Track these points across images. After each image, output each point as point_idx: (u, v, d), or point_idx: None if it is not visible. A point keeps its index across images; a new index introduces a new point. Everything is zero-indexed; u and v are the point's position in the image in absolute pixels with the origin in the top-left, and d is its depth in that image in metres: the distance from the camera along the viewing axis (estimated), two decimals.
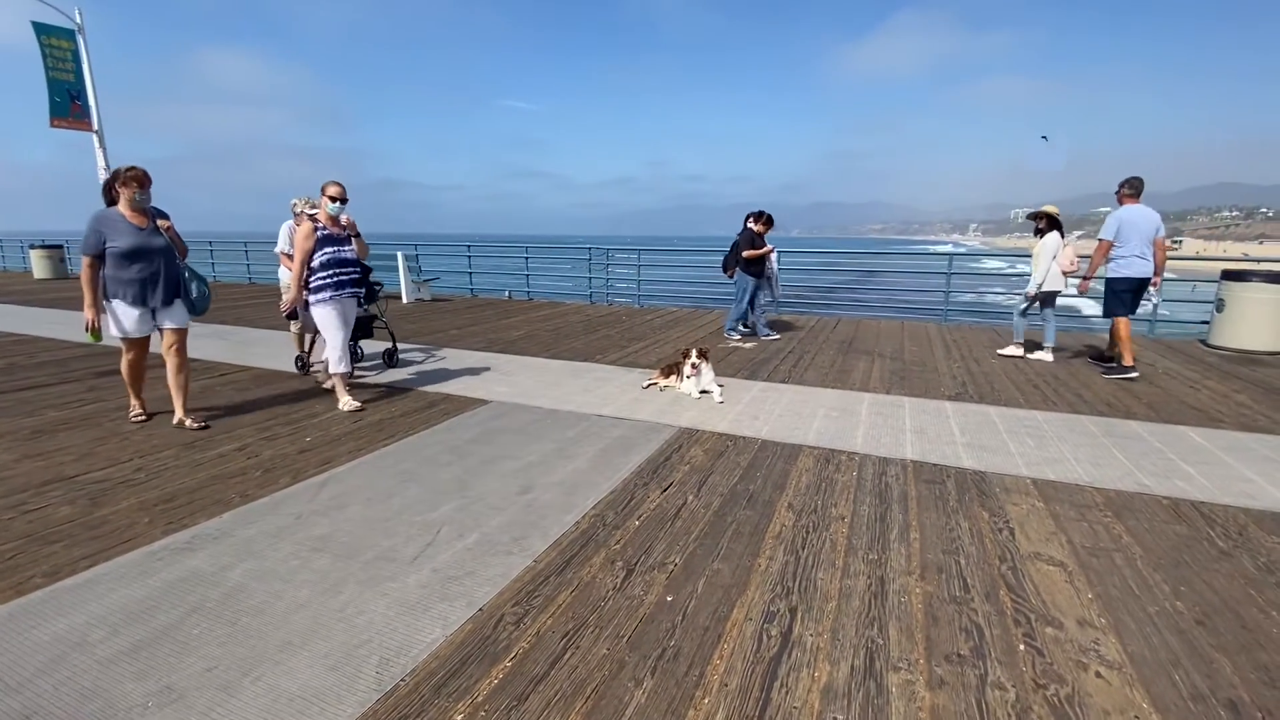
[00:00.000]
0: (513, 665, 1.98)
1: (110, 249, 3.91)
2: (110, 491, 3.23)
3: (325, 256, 4.52)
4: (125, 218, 3.97)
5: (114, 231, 3.92)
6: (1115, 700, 1.86)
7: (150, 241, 4.02)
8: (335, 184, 4.61)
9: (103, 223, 3.92)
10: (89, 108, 14.53)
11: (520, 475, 3.47)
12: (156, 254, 4.06)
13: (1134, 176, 6.08)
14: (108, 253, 3.92)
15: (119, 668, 1.96)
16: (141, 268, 4.00)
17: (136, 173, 3.97)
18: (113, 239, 3.91)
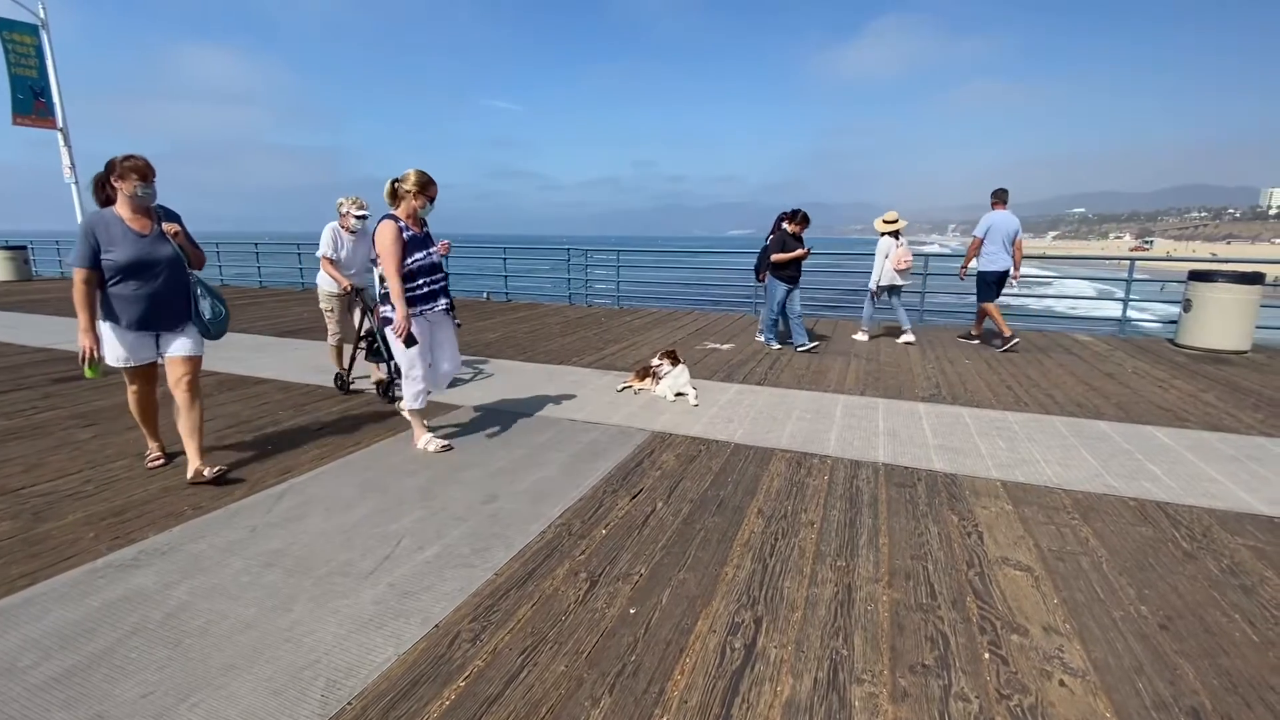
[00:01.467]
0: (466, 685, 1.91)
1: (106, 260, 3.10)
2: (56, 505, 3.10)
3: (416, 263, 3.68)
4: (124, 221, 3.15)
5: (110, 238, 3.11)
6: (1078, 710, 1.84)
7: (155, 251, 3.20)
8: (425, 176, 3.69)
9: (97, 227, 3.11)
10: (53, 105, 14.14)
11: (487, 483, 3.40)
12: (162, 266, 3.23)
13: (1001, 188, 7.37)
14: (104, 264, 3.12)
15: (48, 695, 1.86)
16: (143, 284, 3.19)
17: (136, 162, 3.12)
18: (109, 248, 3.10)
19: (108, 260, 3.12)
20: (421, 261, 3.71)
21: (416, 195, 3.67)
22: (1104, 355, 6.97)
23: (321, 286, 5.31)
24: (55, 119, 14.16)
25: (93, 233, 3.12)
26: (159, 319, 3.31)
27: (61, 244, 17.23)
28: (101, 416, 4.50)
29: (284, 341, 7.48)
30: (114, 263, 3.12)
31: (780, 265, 7.06)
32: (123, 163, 3.14)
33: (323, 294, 5.32)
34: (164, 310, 3.31)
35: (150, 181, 3.19)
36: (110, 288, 3.18)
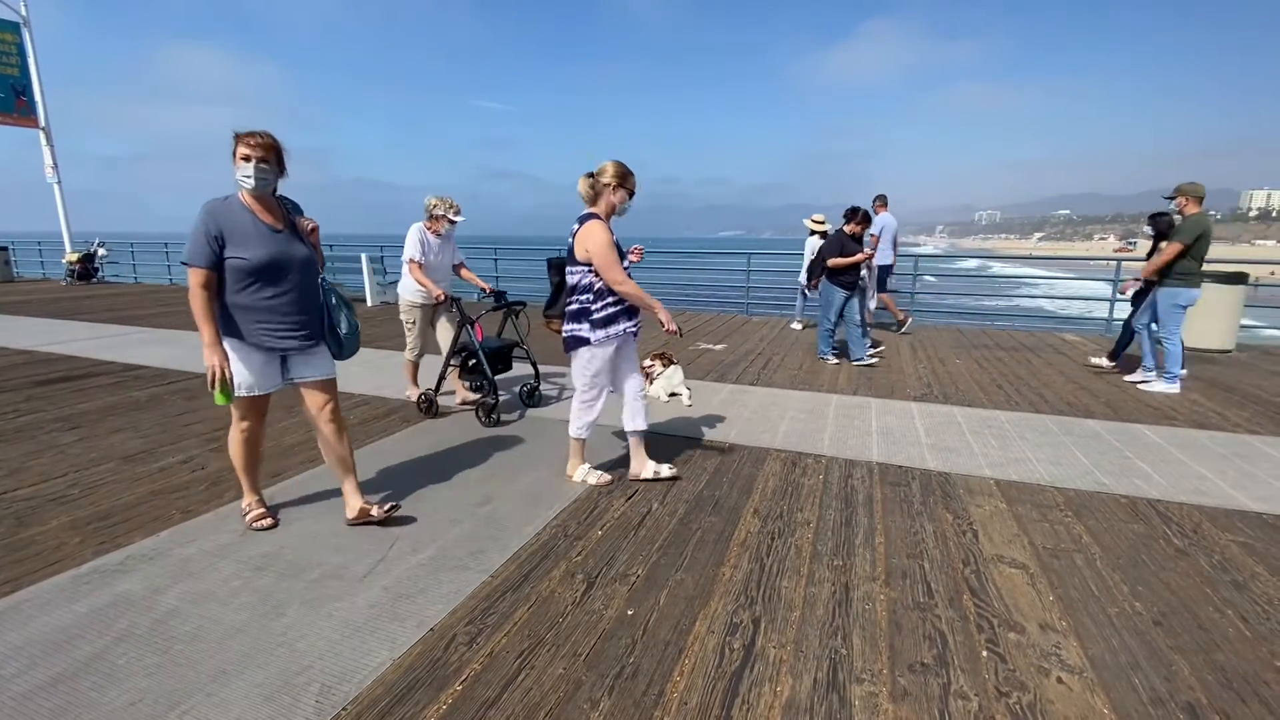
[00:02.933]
0: (463, 689, 1.89)
1: (235, 261, 2.51)
2: (39, 509, 3.04)
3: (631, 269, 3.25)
4: (254, 213, 2.57)
5: (237, 233, 2.52)
6: (1076, 706, 1.84)
7: (290, 251, 2.62)
8: (623, 167, 3.18)
9: (220, 218, 2.51)
10: (35, 103, 13.95)
11: (481, 485, 3.37)
12: (296, 270, 2.64)
13: (881, 194, 8.34)
14: (228, 267, 2.53)
15: (34, 704, 1.82)
16: (276, 292, 2.60)
17: (261, 137, 2.51)
18: (236, 245, 2.51)
19: (237, 261, 2.51)
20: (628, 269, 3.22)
21: (615, 189, 3.16)
22: (1092, 354, 7.04)
23: (404, 295, 4.72)
24: (37, 118, 13.97)
25: (215, 225, 2.49)
26: (292, 335, 2.68)
27: (44, 245, 16.97)
28: (85, 420, 4.42)
29: None
30: (245, 264, 2.51)
31: (838, 270, 6.31)
32: (237, 138, 2.53)
33: (405, 303, 4.73)
34: (298, 325, 2.69)
35: (267, 163, 2.54)
36: (233, 296, 2.56)
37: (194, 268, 2.51)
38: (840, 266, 6.28)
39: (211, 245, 2.50)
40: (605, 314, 3.15)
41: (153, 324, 8.74)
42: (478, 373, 4.50)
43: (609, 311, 3.15)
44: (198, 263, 2.50)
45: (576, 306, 3.18)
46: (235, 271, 2.54)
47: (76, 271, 14.25)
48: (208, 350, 2.51)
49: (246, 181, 2.52)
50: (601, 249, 3.04)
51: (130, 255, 16.47)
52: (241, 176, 2.52)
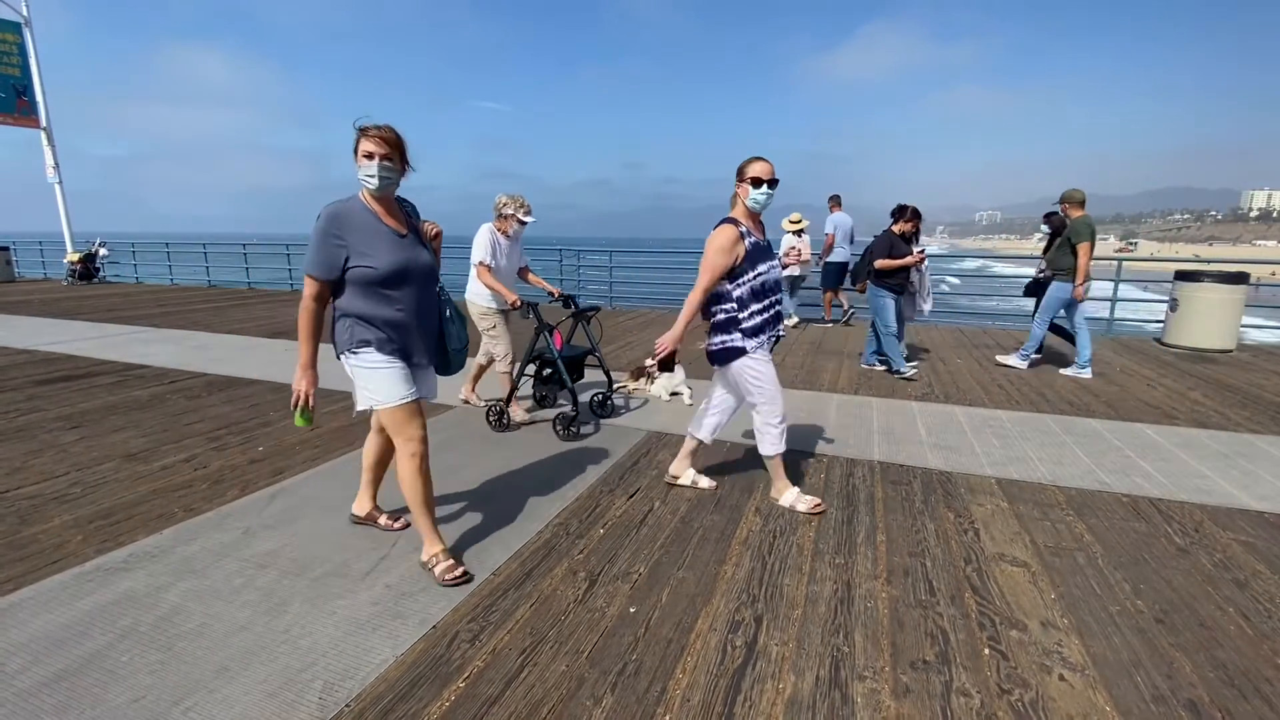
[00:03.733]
0: (466, 686, 1.89)
1: (358, 270, 2.28)
2: (41, 508, 3.04)
3: (759, 279, 2.89)
4: (379, 217, 2.35)
5: (364, 239, 2.29)
6: (1078, 704, 1.85)
7: (416, 258, 2.40)
8: (756, 159, 2.89)
9: (344, 224, 2.28)
10: (36, 104, 13.97)
11: (483, 483, 3.37)
12: (420, 279, 2.43)
13: (836, 194, 8.83)
14: (353, 276, 2.30)
15: (38, 700, 1.82)
16: (401, 304, 2.38)
17: (385, 132, 2.28)
18: (363, 252, 2.28)
19: (364, 271, 2.28)
20: (765, 277, 2.92)
21: (738, 183, 2.91)
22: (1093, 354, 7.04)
23: (476, 301, 4.36)
24: (38, 118, 13.99)
25: (337, 231, 2.27)
26: (417, 349, 2.49)
27: (45, 245, 16.98)
28: (87, 419, 4.43)
29: (274, 342, 7.41)
30: (372, 274, 2.29)
31: (885, 273, 5.81)
32: (360, 133, 2.28)
33: (478, 309, 4.35)
34: (418, 339, 2.48)
35: (391, 161, 2.29)
36: (369, 306, 2.34)
37: (313, 278, 2.29)
38: (889, 269, 5.77)
39: (336, 253, 2.27)
40: (755, 322, 2.94)
41: (154, 324, 8.75)
42: (553, 383, 4.31)
43: (758, 320, 2.94)
44: (319, 273, 2.28)
45: (723, 317, 2.99)
46: (360, 282, 2.30)
47: (77, 271, 14.26)
48: (300, 371, 2.36)
49: (370, 181, 2.29)
50: (713, 250, 2.85)
51: (131, 255, 16.49)
52: (364, 176, 2.29)
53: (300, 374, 2.37)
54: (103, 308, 10.35)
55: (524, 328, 4.47)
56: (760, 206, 2.91)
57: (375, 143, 2.26)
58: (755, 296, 2.93)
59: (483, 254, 4.13)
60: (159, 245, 16.36)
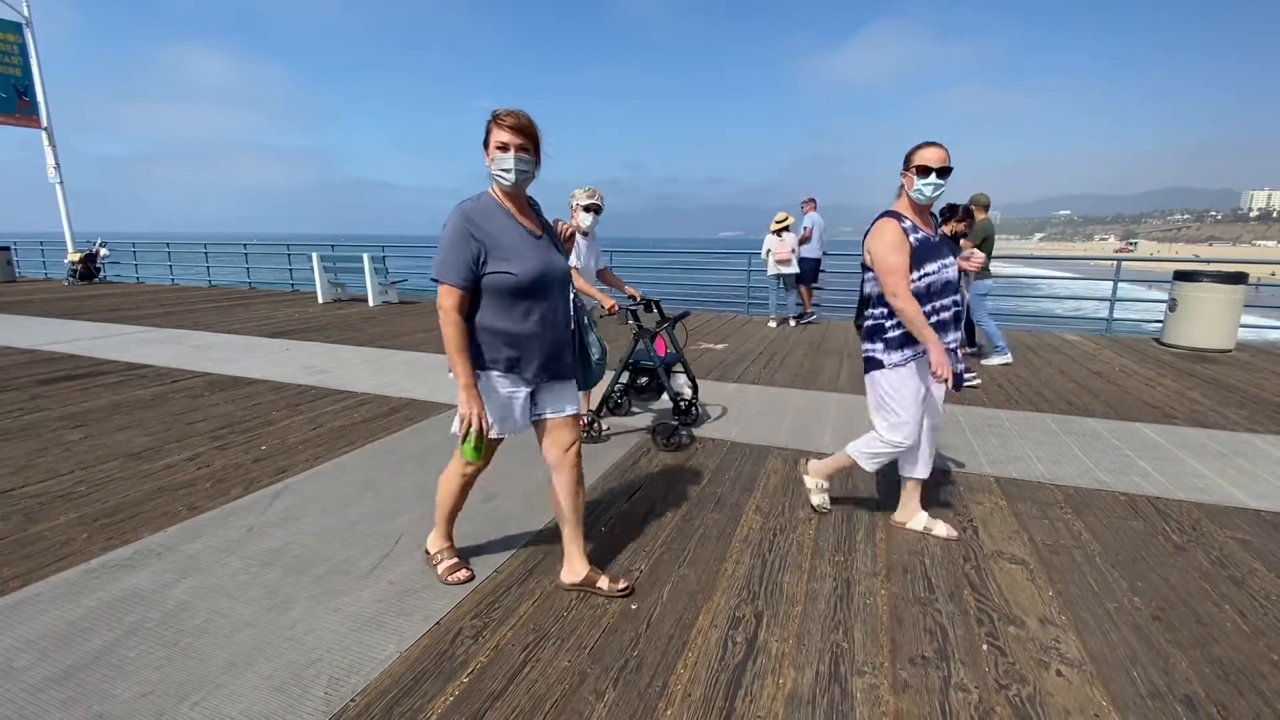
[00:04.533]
0: (469, 681, 1.91)
1: (495, 276, 2.06)
2: (47, 506, 3.06)
3: (923, 280, 2.54)
4: (515, 217, 2.13)
5: (500, 241, 2.06)
6: (1076, 699, 1.87)
7: (553, 262, 2.17)
8: (928, 144, 2.54)
9: (480, 223, 2.06)
10: (37, 104, 13.99)
11: (485, 483, 3.38)
12: (558, 286, 2.20)
13: (811, 197, 9.32)
14: (487, 283, 2.07)
15: (46, 695, 1.84)
16: (540, 313, 2.15)
17: (522, 119, 2.03)
18: (501, 256, 2.06)
19: (502, 277, 2.05)
20: (934, 277, 2.54)
21: (905, 173, 2.59)
22: (1092, 354, 7.07)
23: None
24: (40, 118, 14.01)
25: (475, 232, 2.03)
26: (548, 367, 2.22)
27: (46, 245, 17.01)
28: (90, 418, 4.45)
29: (275, 342, 7.43)
30: (511, 280, 2.05)
31: None
32: (494, 121, 2.03)
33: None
34: (556, 354, 2.24)
35: (528, 153, 2.06)
36: (498, 319, 2.10)
37: (447, 285, 2.03)
38: None
39: (472, 257, 2.03)
40: (902, 332, 2.58)
41: (155, 323, 8.77)
42: (650, 391, 4.10)
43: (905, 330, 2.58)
44: (453, 280, 2.02)
45: (870, 323, 2.70)
46: (496, 290, 2.06)
47: (79, 271, 14.28)
48: (464, 394, 2.06)
49: (506, 177, 2.05)
50: (883, 250, 2.52)
51: (132, 255, 16.52)
52: (500, 170, 2.05)
53: (465, 396, 2.06)
54: (104, 308, 10.37)
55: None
56: (926, 199, 2.55)
57: (510, 132, 2.01)
58: (916, 300, 2.52)
59: (570, 257, 3.95)
60: (160, 245, 16.39)
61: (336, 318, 9.50)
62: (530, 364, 2.17)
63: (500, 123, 2.02)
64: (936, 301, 2.58)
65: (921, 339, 2.50)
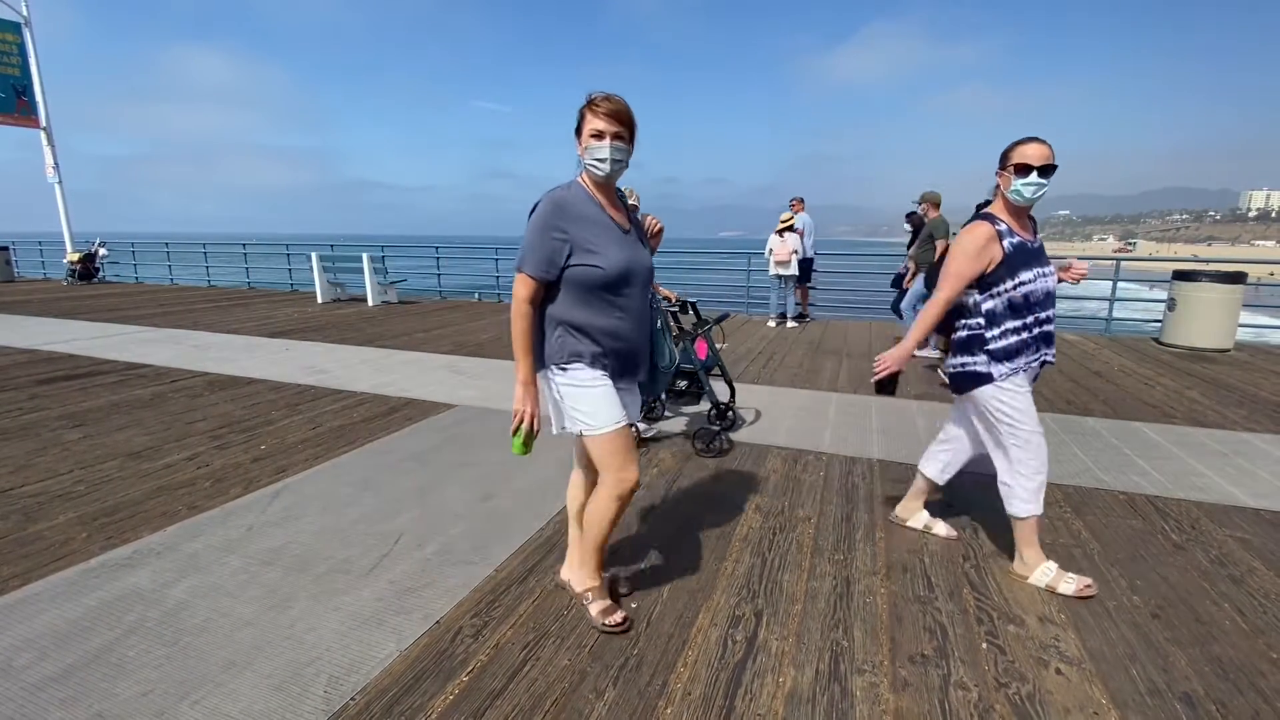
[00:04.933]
0: (469, 680, 1.91)
1: (581, 269, 1.92)
2: (47, 505, 3.06)
3: (1020, 289, 2.30)
4: (605, 209, 1.99)
5: (589, 233, 1.93)
6: (1075, 697, 1.87)
7: (639, 258, 2.02)
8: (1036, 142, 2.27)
9: (568, 214, 1.92)
10: (36, 104, 13.98)
11: (484, 482, 3.39)
12: (642, 284, 2.05)
13: (799, 196, 9.32)
14: (573, 276, 1.93)
15: (46, 694, 1.84)
16: (622, 311, 2.00)
17: (618, 104, 1.89)
18: (588, 249, 1.92)
19: (589, 270, 1.91)
20: (1030, 287, 2.31)
21: (1002, 171, 2.35)
22: (1091, 354, 7.07)
23: None
24: (38, 118, 14.00)
25: (560, 221, 1.91)
26: (622, 365, 2.07)
27: (45, 245, 16.99)
28: (89, 417, 4.45)
29: (274, 342, 7.42)
30: (599, 275, 1.92)
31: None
32: (589, 107, 1.90)
33: None
34: (632, 356, 2.09)
35: (623, 140, 1.93)
36: (590, 314, 1.96)
37: (528, 277, 1.92)
38: None
39: (558, 248, 1.90)
40: (1009, 343, 2.34)
41: (154, 323, 8.77)
42: (688, 395, 4.01)
43: (1012, 340, 2.34)
44: (536, 271, 1.91)
45: (965, 334, 2.44)
46: (581, 284, 1.93)
47: (77, 271, 14.27)
48: (521, 390, 1.98)
49: (599, 167, 1.92)
50: (956, 251, 2.35)
51: (131, 255, 16.50)
52: (594, 160, 1.92)
53: (522, 393, 1.99)
54: (103, 308, 10.36)
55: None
56: (1025, 200, 2.30)
57: (607, 119, 1.88)
58: (1013, 311, 2.33)
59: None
60: (159, 245, 16.38)
61: (336, 318, 9.50)
62: (616, 362, 2.03)
63: (596, 109, 1.88)
64: (1039, 313, 2.34)
65: (911, 338, 2.49)
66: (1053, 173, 2.28)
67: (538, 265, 1.92)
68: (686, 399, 4.06)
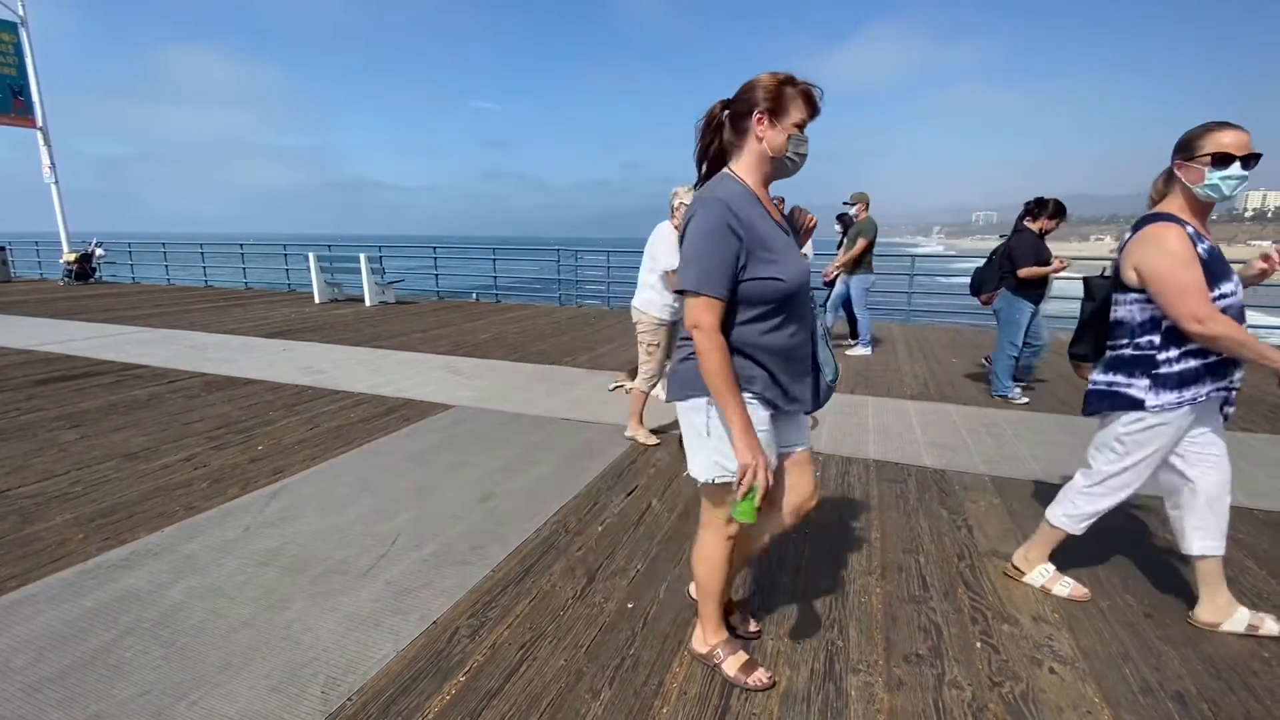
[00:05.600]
0: (466, 680, 1.92)
1: (760, 283, 1.60)
2: (43, 506, 3.06)
3: (1225, 299, 1.97)
4: (769, 213, 1.68)
5: (766, 240, 1.61)
6: (1068, 696, 1.88)
7: (804, 265, 1.71)
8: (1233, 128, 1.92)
9: (741, 215, 1.58)
10: (32, 104, 13.94)
11: (482, 482, 3.40)
12: (808, 293, 1.77)
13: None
14: (751, 292, 1.61)
15: (43, 695, 1.84)
16: (797, 326, 1.71)
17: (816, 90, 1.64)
18: (768, 258, 1.60)
19: (769, 283, 1.60)
20: (1232, 299, 1.98)
21: (1187, 162, 1.99)
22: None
23: (649, 311, 3.81)
24: (35, 118, 13.96)
25: (734, 227, 1.56)
26: (795, 388, 1.76)
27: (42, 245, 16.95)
28: (86, 418, 4.44)
29: (272, 342, 7.42)
30: (780, 287, 1.61)
31: (1028, 282, 4.91)
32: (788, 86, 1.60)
33: (652, 321, 3.79)
34: (805, 371, 1.80)
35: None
36: (761, 334, 1.65)
37: (710, 299, 1.55)
38: (1036, 276, 4.88)
39: (734, 257, 1.56)
40: (1184, 368, 2.03)
41: (151, 324, 8.76)
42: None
43: (1190, 365, 2.03)
44: (722, 289, 1.56)
45: (1130, 353, 2.12)
46: (759, 299, 1.61)
47: (74, 271, 14.23)
48: (745, 440, 1.55)
49: (797, 163, 1.66)
50: (1168, 265, 1.94)
51: (128, 255, 16.47)
52: (795, 154, 1.65)
53: (747, 444, 1.55)
54: (100, 308, 10.34)
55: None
56: (1223, 196, 1.96)
57: (813, 108, 1.63)
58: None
59: (672, 258, 3.53)
60: (156, 245, 16.34)
61: (333, 318, 9.49)
62: (778, 388, 1.72)
63: (809, 95, 1.60)
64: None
65: (1255, 356, 1.96)
66: (1256, 163, 1.94)
67: (722, 282, 1.55)
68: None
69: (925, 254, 13.04)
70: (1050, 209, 4.93)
